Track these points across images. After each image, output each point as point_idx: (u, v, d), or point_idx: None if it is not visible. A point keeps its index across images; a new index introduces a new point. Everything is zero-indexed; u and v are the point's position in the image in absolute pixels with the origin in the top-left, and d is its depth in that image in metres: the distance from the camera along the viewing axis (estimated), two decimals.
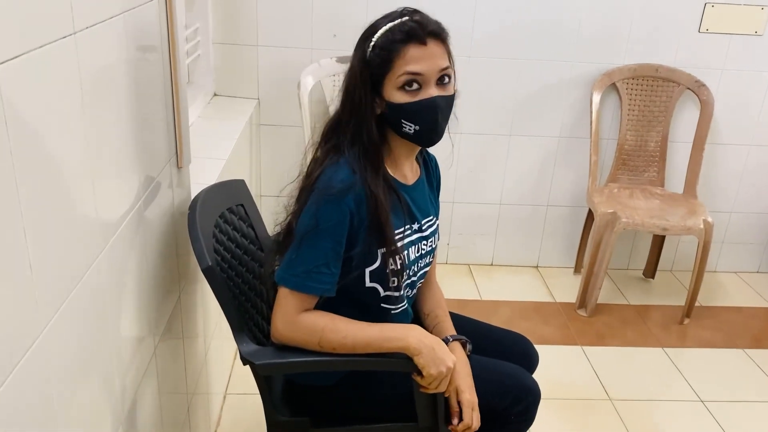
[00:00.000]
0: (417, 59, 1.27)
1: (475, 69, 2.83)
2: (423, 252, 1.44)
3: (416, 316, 1.57)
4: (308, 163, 1.39)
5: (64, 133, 0.91)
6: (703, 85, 2.86)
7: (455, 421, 1.36)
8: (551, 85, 2.90)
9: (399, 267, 1.35)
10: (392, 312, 1.43)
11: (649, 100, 2.91)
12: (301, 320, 1.29)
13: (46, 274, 0.86)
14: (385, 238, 1.32)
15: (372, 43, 1.30)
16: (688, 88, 2.88)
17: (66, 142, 0.92)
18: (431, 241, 1.48)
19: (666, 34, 2.84)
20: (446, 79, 1.32)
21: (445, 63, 1.31)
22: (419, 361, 1.28)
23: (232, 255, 1.48)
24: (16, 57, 0.75)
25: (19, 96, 0.77)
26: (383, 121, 1.34)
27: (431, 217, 1.49)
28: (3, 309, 0.76)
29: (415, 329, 1.32)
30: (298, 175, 1.39)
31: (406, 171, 1.43)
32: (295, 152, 2.77)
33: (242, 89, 2.81)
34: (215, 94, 2.81)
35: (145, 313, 1.30)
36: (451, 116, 1.37)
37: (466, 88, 2.85)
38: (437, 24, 1.33)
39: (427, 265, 1.49)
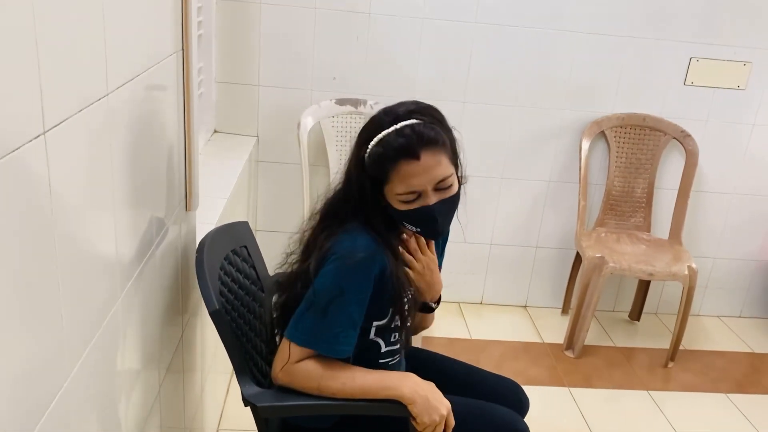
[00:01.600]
0: (411, 175, 1.28)
1: (470, 114, 2.92)
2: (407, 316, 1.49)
3: None
4: (310, 226, 1.43)
5: (94, 186, 0.97)
6: (689, 135, 2.97)
7: None
8: (542, 132, 3.00)
9: (401, 324, 1.42)
10: (390, 364, 1.49)
11: (636, 148, 3.01)
12: (299, 367, 1.33)
13: (73, 321, 0.90)
14: (399, 300, 1.37)
15: (367, 154, 1.32)
16: (674, 138, 2.98)
17: (96, 194, 0.97)
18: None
19: (653, 86, 2.95)
20: (447, 183, 1.33)
21: (442, 173, 1.30)
22: (413, 409, 1.33)
23: (235, 296, 1.53)
24: (59, 123, 0.81)
25: (59, 155, 0.82)
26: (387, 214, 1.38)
27: None
28: (35, 360, 0.81)
29: (410, 378, 1.37)
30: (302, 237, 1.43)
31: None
32: (292, 189, 2.84)
33: (242, 127, 2.88)
34: (215, 131, 2.88)
35: (152, 348, 1.34)
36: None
37: (460, 132, 2.93)
38: (432, 133, 1.30)
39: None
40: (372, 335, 1.42)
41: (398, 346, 1.48)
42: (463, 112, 2.91)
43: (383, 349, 1.45)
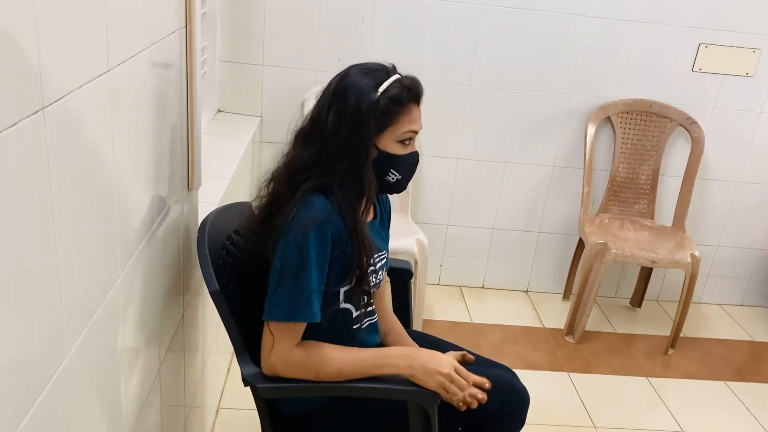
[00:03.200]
0: (417, 118, 1.41)
1: (475, 97, 2.90)
2: (372, 283, 1.50)
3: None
4: (266, 191, 1.44)
5: (95, 164, 0.96)
6: (695, 123, 2.95)
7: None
8: (547, 116, 2.98)
9: (368, 286, 1.43)
10: (363, 327, 1.52)
11: (642, 135, 2.99)
12: (294, 357, 1.34)
13: (72, 299, 0.90)
14: (360, 261, 1.38)
15: (380, 94, 1.35)
16: (680, 125, 2.96)
17: (97, 171, 0.97)
18: (381, 274, 1.56)
19: (661, 72, 2.93)
20: None
21: None
22: (417, 380, 1.35)
23: (237, 276, 1.53)
24: (59, 99, 0.80)
25: (61, 132, 0.82)
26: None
27: (383, 252, 1.56)
28: (32, 337, 0.81)
29: (403, 353, 1.39)
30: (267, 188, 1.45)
31: (367, 210, 1.50)
32: None
33: (246, 107, 2.86)
34: (219, 110, 2.86)
35: (153, 327, 1.35)
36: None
37: (465, 115, 2.93)
38: (422, 87, 1.43)
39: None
40: (342, 302, 1.43)
41: (370, 308, 1.52)
42: (469, 96, 2.89)
43: (354, 314, 1.48)
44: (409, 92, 1.38)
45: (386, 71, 1.39)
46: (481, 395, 1.37)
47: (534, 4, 2.78)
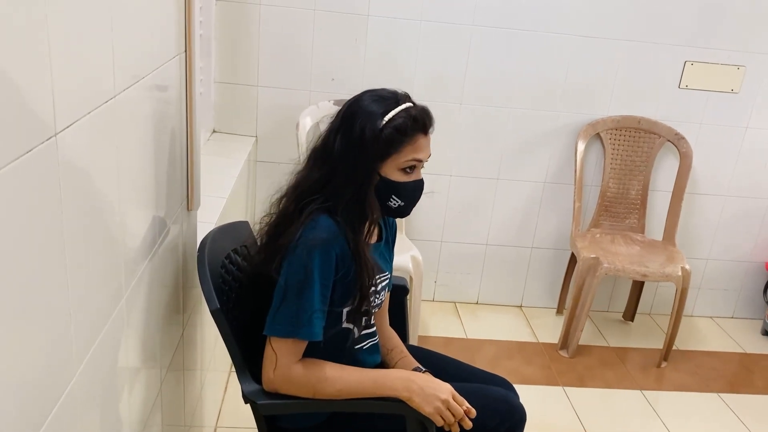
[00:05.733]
0: (422, 148, 1.42)
1: (466, 115, 2.95)
2: (374, 304, 1.53)
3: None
4: (276, 209, 1.47)
5: (101, 185, 0.99)
6: (683, 138, 3.00)
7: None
8: (538, 133, 3.03)
9: (370, 307, 1.47)
10: (364, 348, 1.54)
11: (631, 150, 3.04)
12: (295, 374, 1.36)
13: (80, 320, 0.92)
14: (363, 282, 1.41)
15: (385, 122, 1.38)
16: (669, 140, 3.01)
17: (103, 192, 1.00)
18: (381, 295, 1.59)
19: (648, 89, 2.99)
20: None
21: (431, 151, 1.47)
22: (413, 404, 1.36)
23: (236, 295, 1.55)
24: (70, 125, 0.83)
25: (71, 157, 0.84)
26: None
27: (385, 273, 1.59)
28: (44, 358, 0.83)
29: (401, 374, 1.41)
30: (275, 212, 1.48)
31: (372, 232, 1.53)
32: None
33: (241, 127, 2.90)
34: (214, 131, 2.90)
35: (153, 347, 1.36)
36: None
37: (457, 133, 2.97)
38: (432, 117, 1.46)
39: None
40: (344, 322, 1.46)
41: (372, 329, 1.55)
42: (460, 114, 2.94)
43: (357, 334, 1.50)
44: (415, 122, 1.39)
45: (396, 99, 1.42)
46: (468, 424, 1.39)
47: (523, 24, 2.84)
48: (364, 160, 1.38)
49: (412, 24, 2.81)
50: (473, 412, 1.39)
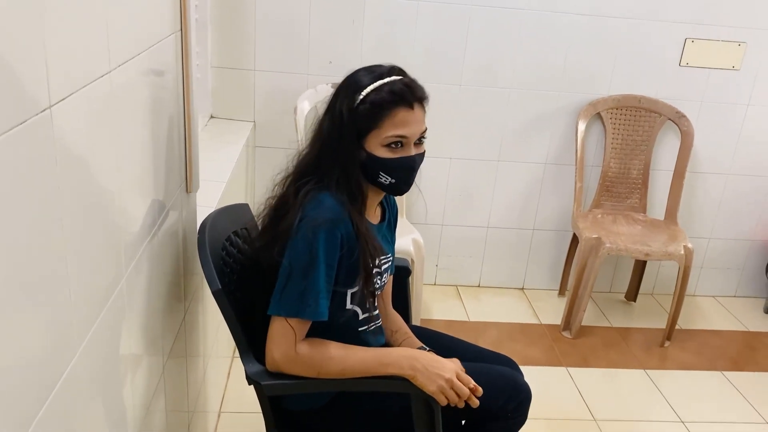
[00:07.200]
0: (404, 123, 1.37)
1: (465, 97, 2.92)
2: (377, 286, 1.52)
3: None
4: (278, 193, 1.46)
5: (99, 164, 0.97)
6: (684, 116, 2.98)
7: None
8: (538, 114, 3.00)
9: (374, 288, 1.45)
10: (369, 330, 1.53)
11: (632, 130, 3.02)
12: (299, 354, 1.35)
13: (79, 300, 0.91)
14: (366, 264, 1.40)
15: (362, 97, 1.36)
16: (670, 119, 2.99)
17: (101, 173, 0.98)
18: (384, 277, 1.57)
19: (649, 68, 2.96)
20: (423, 140, 1.43)
21: (425, 126, 1.42)
22: (417, 382, 1.35)
23: (237, 277, 1.54)
24: (66, 97, 0.81)
25: (66, 132, 0.83)
26: (361, 168, 1.41)
27: (388, 255, 1.58)
28: (44, 336, 0.81)
29: (406, 352, 1.40)
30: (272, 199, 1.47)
31: (373, 212, 1.53)
32: None
33: (239, 112, 2.87)
34: (212, 116, 2.87)
35: (155, 332, 1.35)
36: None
37: (456, 115, 2.95)
38: (423, 90, 1.41)
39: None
40: (348, 304, 1.45)
41: (376, 311, 1.53)
42: (460, 95, 2.92)
43: (361, 316, 1.49)
44: (394, 96, 1.35)
45: (380, 74, 1.38)
46: (476, 402, 1.38)
47: (522, 3, 2.81)
48: (345, 135, 1.37)
49: (410, 4, 2.78)
50: (480, 390, 1.38)
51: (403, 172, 1.41)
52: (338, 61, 2.82)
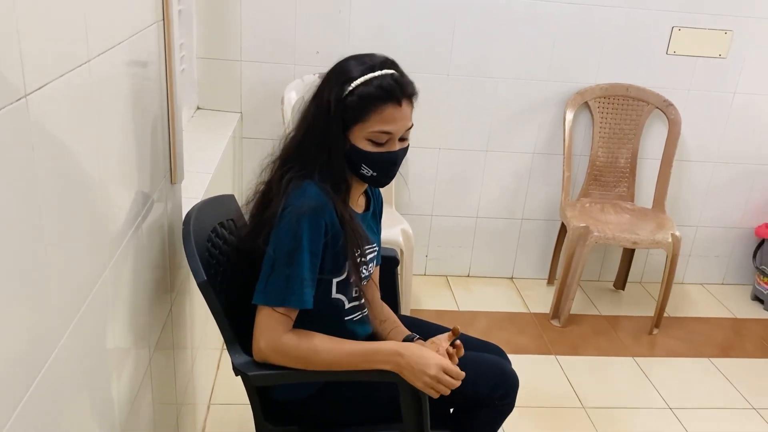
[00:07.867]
0: (391, 119, 1.36)
1: (453, 87, 2.92)
2: (363, 276, 1.51)
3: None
4: (265, 178, 1.46)
5: (80, 154, 0.96)
6: (671, 105, 2.99)
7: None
8: (526, 103, 3.00)
9: (359, 277, 1.45)
10: (355, 320, 1.53)
11: (619, 119, 3.02)
12: (285, 344, 1.34)
13: (62, 289, 0.90)
14: (352, 252, 1.40)
15: (351, 88, 1.34)
16: (657, 107, 3.00)
17: (82, 163, 0.97)
18: (370, 267, 1.56)
19: (636, 56, 2.96)
20: (408, 134, 1.42)
21: (411, 123, 1.41)
22: (404, 377, 1.36)
23: (223, 268, 1.53)
24: (43, 86, 0.80)
25: (44, 121, 0.81)
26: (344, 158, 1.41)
27: (374, 245, 1.57)
28: (23, 324, 0.80)
29: (391, 350, 1.38)
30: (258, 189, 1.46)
31: (356, 201, 1.52)
32: None
33: (225, 103, 2.85)
34: (198, 108, 2.85)
35: (141, 325, 1.34)
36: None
37: (445, 105, 2.94)
38: (413, 86, 1.40)
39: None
40: (334, 293, 1.45)
41: (361, 300, 1.53)
42: (447, 85, 2.91)
43: (347, 305, 1.49)
44: (383, 92, 1.34)
45: (371, 66, 1.36)
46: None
47: None
48: (331, 125, 1.36)
49: None
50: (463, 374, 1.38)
51: (385, 167, 1.41)
52: (325, 51, 2.80)
